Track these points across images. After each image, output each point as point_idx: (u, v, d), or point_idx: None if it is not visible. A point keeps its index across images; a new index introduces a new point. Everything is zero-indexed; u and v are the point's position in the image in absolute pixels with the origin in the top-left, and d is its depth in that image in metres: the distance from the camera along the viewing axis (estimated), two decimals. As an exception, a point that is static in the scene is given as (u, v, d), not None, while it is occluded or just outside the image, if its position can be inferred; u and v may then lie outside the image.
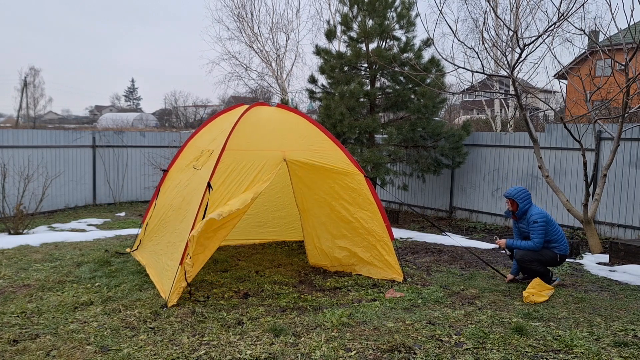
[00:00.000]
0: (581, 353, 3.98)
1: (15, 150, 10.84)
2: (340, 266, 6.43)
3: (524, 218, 5.88)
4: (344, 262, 6.38)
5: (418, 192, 12.47)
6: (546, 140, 9.86)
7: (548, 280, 5.77)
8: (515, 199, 5.82)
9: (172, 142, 14.15)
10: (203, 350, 4.01)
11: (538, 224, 5.69)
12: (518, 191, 5.85)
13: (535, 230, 5.70)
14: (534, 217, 5.74)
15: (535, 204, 5.97)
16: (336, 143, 6.26)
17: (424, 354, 3.95)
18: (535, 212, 5.76)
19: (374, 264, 6.17)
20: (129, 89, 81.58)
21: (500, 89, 18.77)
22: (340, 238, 6.33)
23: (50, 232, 9.12)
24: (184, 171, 6.33)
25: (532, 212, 5.79)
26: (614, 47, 7.51)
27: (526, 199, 5.83)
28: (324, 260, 6.53)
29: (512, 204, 5.90)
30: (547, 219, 5.77)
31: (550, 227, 5.81)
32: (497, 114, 19.89)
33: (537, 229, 5.69)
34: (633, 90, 7.86)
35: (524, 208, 5.82)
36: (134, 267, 6.39)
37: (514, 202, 5.87)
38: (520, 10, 15.64)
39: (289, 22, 25.20)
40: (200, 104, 52.58)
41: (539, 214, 5.73)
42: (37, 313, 4.80)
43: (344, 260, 6.37)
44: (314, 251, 6.61)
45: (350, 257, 6.32)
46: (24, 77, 58.06)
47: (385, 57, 9.88)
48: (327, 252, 6.45)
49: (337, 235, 6.34)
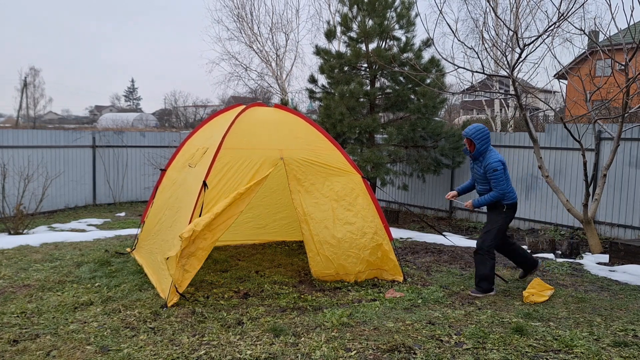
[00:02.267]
0: (581, 353, 3.98)
1: (15, 150, 10.84)
2: (346, 275, 5.94)
3: (479, 160, 5.53)
4: (350, 270, 5.92)
5: (418, 192, 12.47)
6: (546, 140, 9.86)
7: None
8: (473, 139, 5.43)
9: (172, 142, 14.15)
10: (203, 350, 4.01)
11: (498, 172, 5.36)
12: (476, 130, 5.44)
13: (496, 178, 5.38)
14: (492, 164, 5.38)
15: (494, 149, 5.57)
16: (334, 144, 6.26)
17: (424, 354, 3.95)
18: (493, 160, 5.38)
19: (379, 268, 6.03)
20: (129, 89, 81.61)
21: (500, 89, 18.77)
22: (344, 242, 5.90)
23: (50, 232, 9.12)
24: (180, 170, 6.34)
25: (490, 159, 5.40)
26: (614, 47, 7.51)
27: (483, 139, 5.42)
28: (329, 269, 5.90)
29: (469, 144, 5.52)
30: (505, 165, 5.46)
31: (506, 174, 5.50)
32: (497, 114, 19.90)
33: (498, 177, 5.37)
34: (633, 90, 7.86)
35: (481, 149, 5.44)
36: (134, 267, 6.39)
37: (471, 142, 5.48)
38: (520, 10, 15.65)
39: (288, 22, 25.17)
40: (200, 104, 52.57)
41: (498, 162, 5.38)
42: (37, 313, 4.80)
43: (350, 267, 5.92)
44: (316, 258, 5.88)
45: (358, 263, 5.93)
46: (24, 77, 58.16)
47: (385, 57, 9.88)
48: (331, 259, 5.86)
49: (341, 240, 5.89)
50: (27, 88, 47.60)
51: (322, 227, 5.84)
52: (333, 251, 5.85)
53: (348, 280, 5.96)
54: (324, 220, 5.86)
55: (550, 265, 6.93)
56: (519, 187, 10.30)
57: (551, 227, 9.74)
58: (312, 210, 5.84)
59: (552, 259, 7.38)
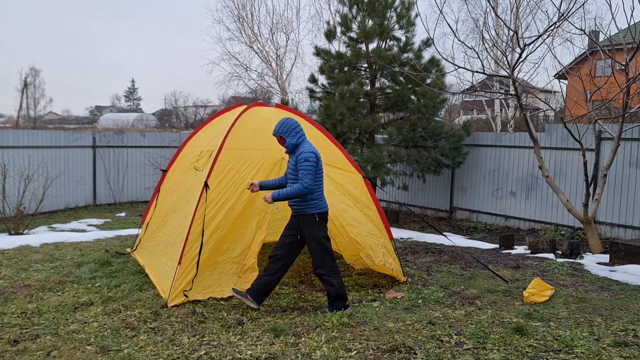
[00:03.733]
0: (582, 353, 3.97)
1: (15, 150, 10.84)
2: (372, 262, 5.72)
3: (294, 153, 4.94)
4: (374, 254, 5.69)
5: (418, 192, 12.47)
6: (546, 140, 9.86)
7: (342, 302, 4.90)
8: (282, 135, 4.91)
9: (172, 142, 14.16)
10: (203, 350, 4.01)
11: (309, 162, 4.76)
12: (281, 125, 4.91)
13: (305, 169, 4.74)
14: (304, 154, 4.79)
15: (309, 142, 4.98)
16: (335, 143, 6.26)
17: (424, 354, 3.94)
18: (307, 150, 4.83)
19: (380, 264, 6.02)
20: (129, 89, 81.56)
21: (500, 89, 18.77)
22: (363, 225, 5.77)
23: (50, 233, 9.13)
24: (185, 172, 6.32)
25: (304, 149, 4.85)
26: (614, 47, 7.51)
27: (290, 131, 4.89)
28: (358, 250, 5.71)
29: (281, 141, 4.99)
30: (318, 160, 4.88)
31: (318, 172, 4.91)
32: (498, 114, 19.90)
33: (308, 168, 4.75)
34: (633, 90, 7.86)
35: (294, 141, 4.89)
36: (135, 268, 6.39)
37: (281, 138, 4.95)
38: (520, 10, 15.65)
39: (289, 22, 25.22)
40: (201, 104, 52.58)
41: (311, 153, 4.82)
42: (37, 313, 4.80)
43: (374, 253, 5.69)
44: (342, 242, 5.74)
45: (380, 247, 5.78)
46: (24, 77, 58.19)
47: (385, 57, 9.88)
48: (358, 240, 5.69)
49: (361, 222, 5.74)
50: (27, 88, 47.62)
51: (342, 208, 5.70)
52: (356, 232, 5.69)
53: (375, 269, 5.88)
54: (340, 204, 5.73)
55: (551, 265, 6.93)
56: (519, 187, 10.30)
57: (551, 227, 9.74)
58: (327, 195, 5.58)
59: (553, 259, 7.38)
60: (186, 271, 5.14)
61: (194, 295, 5.15)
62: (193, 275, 5.16)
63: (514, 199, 10.44)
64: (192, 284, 5.17)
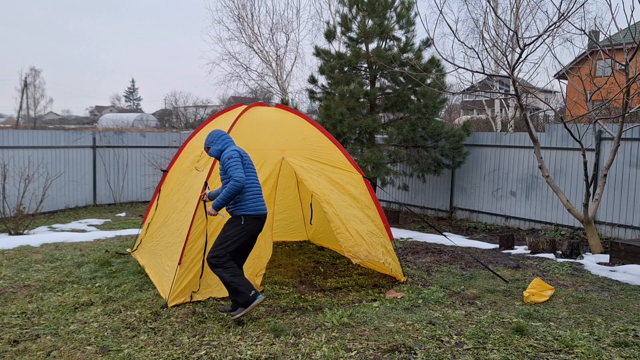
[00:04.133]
0: (582, 353, 3.98)
1: (15, 150, 10.84)
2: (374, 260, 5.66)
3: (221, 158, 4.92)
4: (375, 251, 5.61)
5: (418, 192, 12.47)
6: (546, 140, 9.86)
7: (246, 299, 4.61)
8: (209, 145, 4.97)
9: (172, 142, 14.15)
10: (203, 350, 4.01)
11: (233, 159, 4.69)
12: (209, 135, 4.99)
13: (231, 166, 4.66)
14: (226, 153, 4.77)
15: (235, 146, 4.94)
16: (335, 143, 6.26)
17: (425, 354, 3.95)
18: (228, 150, 4.82)
19: None
20: (129, 89, 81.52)
21: (500, 89, 18.77)
22: (366, 223, 5.74)
23: (50, 233, 9.13)
24: (186, 173, 6.32)
25: (227, 149, 4.85)
26: (614, 47, 7.51)
27: (214, 141, 4.93)
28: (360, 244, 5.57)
29: (207, 151, 5.03)
30: (242, 156, 4.81)
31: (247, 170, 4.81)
32: (498, 114, 19.89)
33: (233, 163, 4.67)
34: (633, 90, 7.86)
35: (220, 148, 4.91)
36: (135, 268, 6.39)
37: (209, 149, 4.98)
38: (520, 10, 15.64)
39: (289, 22, 25.24)
40: (201, 104, 52.58)
41: (234, 150, 4.78)
42: (37, 313, 4.80)
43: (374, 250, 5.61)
44: (345, 234, 5.51)
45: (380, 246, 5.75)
46: (24, 77, 58.20)
47: (385, 57, 9.89)
48: (361, 234, 5.61)
49: (363, 220, 5.70)
50: (27, 88, 47.60)
51: (344, 206, 5.65)
52: (360, 228, 5.60)
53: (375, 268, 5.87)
54: (343, 200, 5.70)
55: (551, 265, 6.93)
56: (519, 187, 10.31)
57: (551, 227, 9.74)
58: (329, 192, 5.64)
59: (553, 259, 7.38)
60: (186, 271, 5.14)
61: (194, 295, 5.16)
62: (193, 276, 5.17)
63: (514, 199, 10.44)
64: (199, 285, 5.18)
